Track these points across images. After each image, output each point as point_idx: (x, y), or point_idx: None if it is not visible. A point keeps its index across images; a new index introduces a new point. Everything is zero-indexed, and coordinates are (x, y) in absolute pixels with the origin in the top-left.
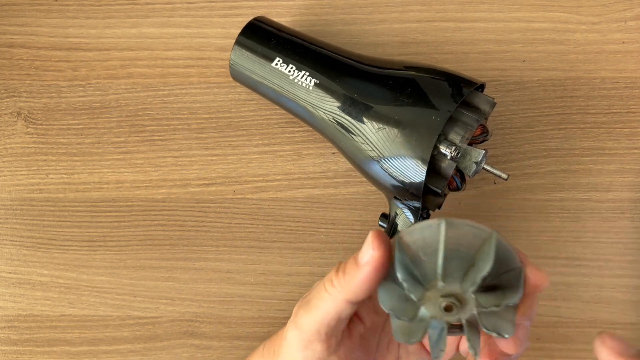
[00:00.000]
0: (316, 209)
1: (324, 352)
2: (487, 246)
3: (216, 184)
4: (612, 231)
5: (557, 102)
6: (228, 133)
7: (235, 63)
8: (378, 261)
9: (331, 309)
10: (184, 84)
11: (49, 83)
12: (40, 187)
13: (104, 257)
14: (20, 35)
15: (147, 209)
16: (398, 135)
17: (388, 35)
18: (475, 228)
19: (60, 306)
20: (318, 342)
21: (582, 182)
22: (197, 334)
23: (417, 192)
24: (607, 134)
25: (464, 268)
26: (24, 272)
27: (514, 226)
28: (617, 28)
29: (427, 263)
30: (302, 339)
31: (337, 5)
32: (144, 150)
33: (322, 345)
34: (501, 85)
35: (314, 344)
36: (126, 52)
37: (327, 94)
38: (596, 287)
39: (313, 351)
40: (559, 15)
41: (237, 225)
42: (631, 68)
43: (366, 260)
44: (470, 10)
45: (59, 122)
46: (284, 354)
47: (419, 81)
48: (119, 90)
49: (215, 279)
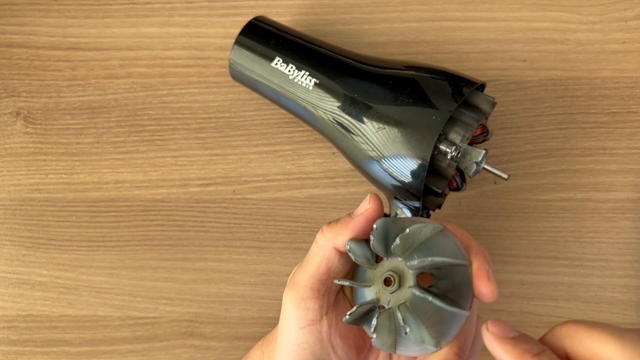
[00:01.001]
0: (316, 209)
1: (316, 310)
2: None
3: (216, 184)
4: (612, 231)
5: (558, 101)
6: (228, 133)
7: (234, 63)
8: (371, 214)
9: (321, 261)
10: (184, 84)
11: (48, 83)
12: (40, 187)
13: (103, 258)
14: (20, 34)
15: (146, 209)
16: (398, 135)
17: (388, 35)
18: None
19: (60, 306)
20: (311, 300)
21: (582, 182)
22: (196, 335)
23: (418, 192)
24: (608, 134)
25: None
26: (23, 272)
27: (514, 226)
28: (618, 28)
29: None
30: (296, 298)
31: (337, 5)
32: (144, 150)
33: (315, 303)
34: (502, 84)
35: (307, 302)
36: (125, 51)
37: (327, 93)
38: (597, 287)
39: (306, 310)
40: (559, 15)
41: (236, 225)
42: (632, 68)
43: (361, 212)
44: (471, 9)
45: (58, 122)
46: (281, 320)
47: (419, 81)
48: (118, 90)
49: (215, 279)
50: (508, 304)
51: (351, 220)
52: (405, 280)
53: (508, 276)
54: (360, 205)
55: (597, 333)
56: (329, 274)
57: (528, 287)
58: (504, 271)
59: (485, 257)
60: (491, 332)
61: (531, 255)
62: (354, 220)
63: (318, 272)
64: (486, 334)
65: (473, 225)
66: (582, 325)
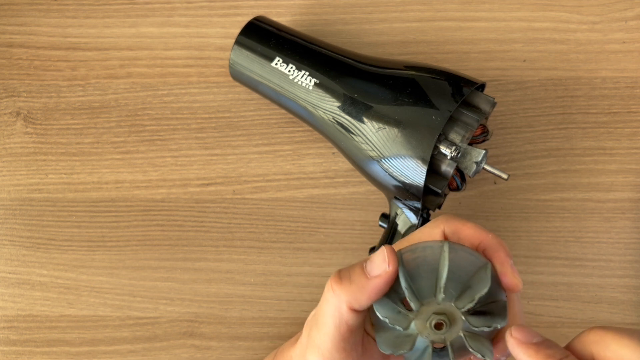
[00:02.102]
0: (316, 209)
1: None
2: (483, 273)
3: (216, 184)
4: (612, 231)
5: (558, 101)
6: (228, 133)
7: (235, 63)
8: (391, 276)
9: (340, 323)
10: (184, 84)
11: (48, 83)
12: (40, 187)
13: (103, 258)
14: (20, 35)
15: (146, 209)
16: (398, 135)
17: (388, 35)
18: (472, 255)
19: (60, 306)
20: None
21: (582, 182)
22: (196, 334)
23: (418, 192)
24: (608, 134)
25: (458, 290)
26: (23, 272)
27: (514, 226)
28: (618, 28)
29: (425, 280)
30: (326, 358)
31: (337, 5)
32: (143, 150)
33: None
34: (502, 84)
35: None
36: (125, 51)
37: (327, 93)
38: (597, 287)
39: None
40: (559, 15)
41: (236, 225)
42: (632, 68)
43: (378, 274)
44: (471, 9)
45: (58, 122)
46: None
47: (419, 81)
48: (118, 90)
49: (215, 279)
50: None
51: (368, 282)
52: (455, 321)
53: None
54: (374, 260)
55: (625, 339)
56: (351, 331)
57: (528, 287)
58: None
59: (505, 251)
60: (515, 338)
61: (531, 255)
62: (372, 283)
63: (339, 333)
64: (510, 340)
65: None
66: (610, 331)
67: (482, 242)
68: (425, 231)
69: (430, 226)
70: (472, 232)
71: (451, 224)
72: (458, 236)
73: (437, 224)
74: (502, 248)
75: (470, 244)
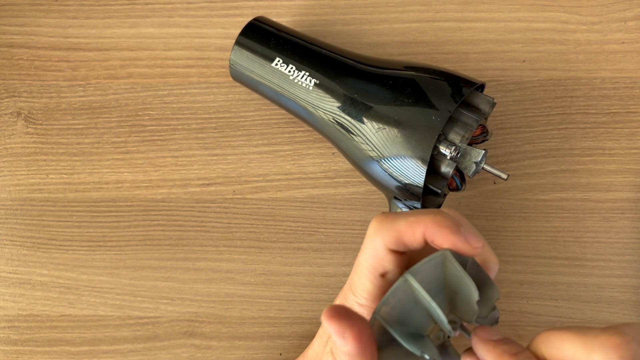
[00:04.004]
0: (316, 209)
1: None
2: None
3: (216, 184)
4: (612, 231)
5: (557, 102)
6: (228, 133)
7: (235, 63)
8: (359, 349)
9: None
10: (184, 84)
11: (49, 83)
12: (40, 187)
13: (103, 257)
14: (20, 35)
15: (146, 209)
16: (398, 136)
17: (388, 35)
18: (429, 260)
19: (60, 306)
20: None
21: (582, 182)
22: (197, 334)
23: (417, 192)
24: (607, 134)
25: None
26: (24, 272)
27: (514, 226)
28: (617, 28)
29: (415, 316)
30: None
31: (337, 5)
32: (144, 150)
33: None
34: (501, 85)
35: None
36: (126, 52)
37: (327, 94)
38: (596, 287)
39: None
40: (559, 15)
41: (236, 225)
42: (631, 68)
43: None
44: (471, 10)
45: (58, 122)
46: None
47: (419, 81)
48: (118, 90)
49: (215, 279)
50: (507, 304)
51: None
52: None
53: (507, 276)
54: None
55: (564, 335)
56: None
57: (527, 287)
58: (503, 271)
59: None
60: (478, 336)
61: (530, 255)
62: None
63: None
64: (473, 338)
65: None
66: (555, 330)
67: (424, 234)
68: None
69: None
70: (410, 232)
71: (387, 238)
72: (403, 242)
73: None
74: (439, 226)
75: (418, 242)
